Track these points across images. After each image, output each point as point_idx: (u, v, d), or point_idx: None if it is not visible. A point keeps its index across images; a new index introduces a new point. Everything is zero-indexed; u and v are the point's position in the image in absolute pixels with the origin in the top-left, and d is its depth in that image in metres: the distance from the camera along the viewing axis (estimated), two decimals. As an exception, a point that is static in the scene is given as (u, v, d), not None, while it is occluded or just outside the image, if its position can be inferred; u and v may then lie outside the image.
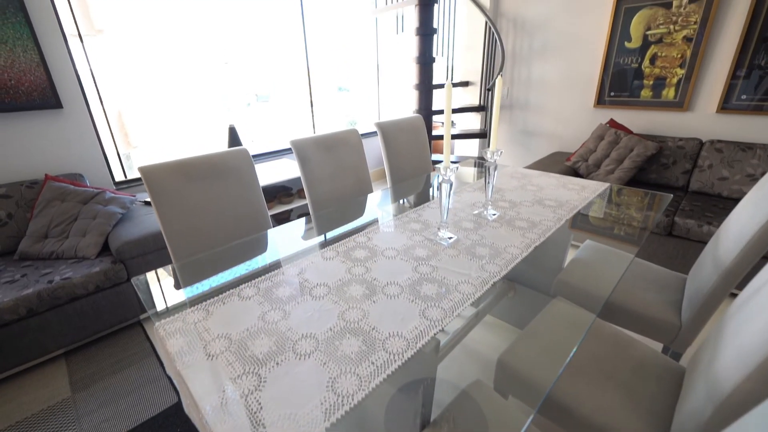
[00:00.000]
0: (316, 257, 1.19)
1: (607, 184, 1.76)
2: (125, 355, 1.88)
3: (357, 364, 0.75)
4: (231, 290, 1.02)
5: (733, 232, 1.14)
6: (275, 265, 1.16)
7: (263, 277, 1.08)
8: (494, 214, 1.42)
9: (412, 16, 3.09)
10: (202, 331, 0.86)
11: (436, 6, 3.07)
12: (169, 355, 0.80)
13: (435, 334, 0.84)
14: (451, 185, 1.17)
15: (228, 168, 1.45)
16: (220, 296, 0.99)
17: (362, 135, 4.34)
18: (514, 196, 1.63)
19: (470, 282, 1.02)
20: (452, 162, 3.41)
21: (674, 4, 2.56)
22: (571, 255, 1.71)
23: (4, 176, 2.18)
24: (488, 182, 1.40)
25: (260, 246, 1.38)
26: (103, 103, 2.64)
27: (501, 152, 1.35)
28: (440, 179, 1.17)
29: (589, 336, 1.21)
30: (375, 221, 1.49)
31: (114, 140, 2.76)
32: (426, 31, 3.01)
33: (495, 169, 1.36)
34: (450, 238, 1.25)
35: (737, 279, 1.08)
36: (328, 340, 0.82)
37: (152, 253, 2.05)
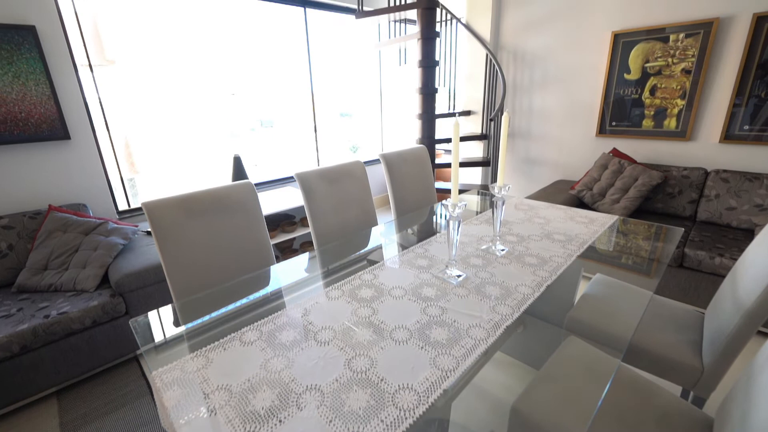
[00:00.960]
0: (320, 296, 1.15)
1: (615, 217, 1.73)
2: (119, 393, 1.81)
3: (365, 423, 0.70)
4: (232, 334, 0.98)
5: (753, 271, 1.11)
6: (279, 305, 1.12)
7: (266, 319, 1.04)
8: (503, 250, 1.39)
9: (414, 49, 3.17)
10: (201, 382, 0.82)
11: (438, 39, 3.16)
12: (166, 409, 0.75)
13: (446, 389, 0.79)
14: (459, 223, 1.15)
15: (232, 202, 1.44)
16: (221, 341, 0.95)
17: (365, 162, 4.38)
18: (522, 229, 1.60)
19: (482, 326, 0.98)
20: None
21: (671, 38, 2.62)
22: (582, 286, 1.67)
23: (8, 207, 2.17)
24: (496, 217, 1.38)
25: (263, 283, 1.34)
26: (110, 131, 2.66)
27: (509, 187, 1.34)
28: (448, 216, 1.15)
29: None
30: (380, 257, 1.46)
31: (119, 168, 2.77)
32: (428, 64, 3.08)
33: (503, 203, 1.34)
34: (459, 276, 1.21)
35: (762, 320, 1.04)
36: (334, 392, 0.77)
37: (152, 285, 2.01)
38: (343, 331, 0.97)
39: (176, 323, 1.12)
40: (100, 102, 2.59)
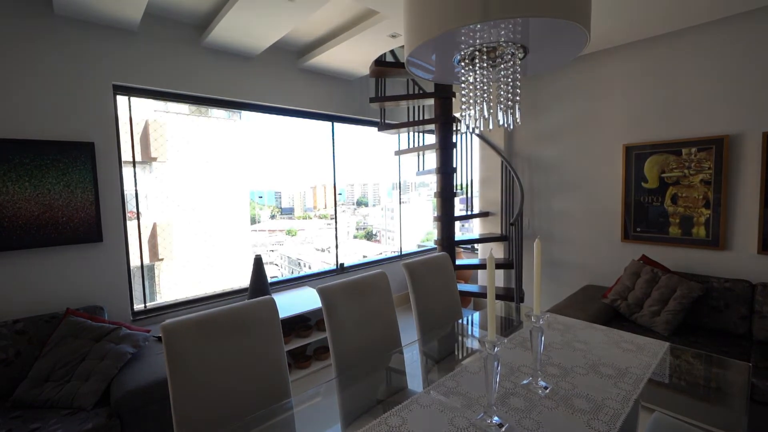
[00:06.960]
0: (340, 449, 1.00)
1: (666, 345, 1.56)
2: None
3: None
4: (237, 507, 0.82)
5: None
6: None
7: (277, 483, 0.89)
8: (546, 388, 1.23)
9: (432, 157, 3.37)
10: None
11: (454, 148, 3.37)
12: None
13: None
14: (498, 363, 1.03)
15: (252, 321, 1.37)
16: None
17: (385, 258, 4.35)
18: (562, 357, 1.45)
19: None
20: (477, 292, 3.25)
21: (683, 151, 2.70)
22: (641, 419, 1.43)
23: (27, 309, 2.16)
24: (535, 349, 1.25)
25: (276, 418, 1.20)
26: (140, 221, 2.73)
27: (547, 315, 1.24)
28: (485, 354, 1.04)
29: None
30: (407, 391, 1.31)
31: (142, 263, 2.75)
32: (446, 171, 3.24)
33: (542, 334, 1.23)
34: (500, 425, 1.05)
35: None
36: None
37: (154, 403, 1.84)
38: None
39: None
40: (136, 195, 2.70)
